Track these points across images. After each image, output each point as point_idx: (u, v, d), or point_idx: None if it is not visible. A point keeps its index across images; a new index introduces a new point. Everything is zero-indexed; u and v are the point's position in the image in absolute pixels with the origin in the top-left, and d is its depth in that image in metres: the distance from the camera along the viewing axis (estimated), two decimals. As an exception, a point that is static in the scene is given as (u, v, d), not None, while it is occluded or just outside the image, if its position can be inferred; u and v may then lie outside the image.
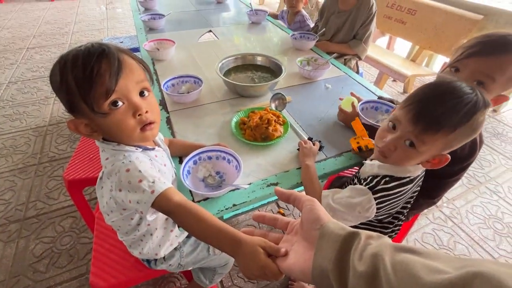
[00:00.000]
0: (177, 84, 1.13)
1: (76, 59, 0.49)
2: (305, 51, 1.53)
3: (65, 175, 1.04)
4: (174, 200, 0.52)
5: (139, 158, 0.57)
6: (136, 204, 0.53)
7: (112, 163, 0.56)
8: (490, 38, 0.64)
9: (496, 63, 0.62)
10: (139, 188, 0.52)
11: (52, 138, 1.91)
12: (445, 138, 0.54)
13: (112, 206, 0.60)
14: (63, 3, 4.65)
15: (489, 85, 0.64)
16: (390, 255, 0.26)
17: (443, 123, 0.52)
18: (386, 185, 0.62)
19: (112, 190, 0.56)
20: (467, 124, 0.52)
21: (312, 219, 0.34)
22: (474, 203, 1.60)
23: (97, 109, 0.50)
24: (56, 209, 1.47)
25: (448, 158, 0.58)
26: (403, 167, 0.63)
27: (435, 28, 2.12)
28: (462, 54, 0.66)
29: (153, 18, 1.77)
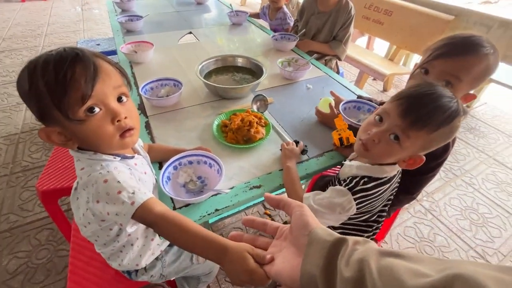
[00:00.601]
0: (156, 88, 1.10)
1: (47, 64, 0.46)
2: (286, 52, 1.54)
3: (38, 186, 0.99)
4: (155, 211, 0.50)
5: (118, 168, 0.55)
6: (115, 216, 0.51)
7: (88, 174, 0.53)
8: (454, 40, 0.67)
9: (461, 64, 0.65)
10: (118, 199, 0.50)
11: (25, 146, 1.82)
12: (428, 137, 0.56)
13: (89, 218, 0.57)
14: (35, 3, 4.43)
15: (456, 84, 0.67)
16: (375, 260, 0.27)
17: (429, 120, 0.54)
18: (365, 186, 0.63)
19: (88, 202, 0.53)
20: (448, 127, 0.55)
21: (301, 225, 0.35)
22: (451, 195, 1.67)
23: (72, 116, 0.47)
24: (31, 221, 1.39)
25: (423, 160, 0.60)
26: (380, 168, 0.64)
27: (410, 28, 2.19)
28: (430, 56, 0.69)
29: (131, 20, 1.72)
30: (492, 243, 1.42)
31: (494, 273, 0.21)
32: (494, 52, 0.66)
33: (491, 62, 0.66)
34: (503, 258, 1.36)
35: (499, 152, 2.01)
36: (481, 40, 0.65)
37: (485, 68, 0.66)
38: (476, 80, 0.68)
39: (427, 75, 0.71)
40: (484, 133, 2.19)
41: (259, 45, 1.65)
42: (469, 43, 0.65)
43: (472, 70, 0.65)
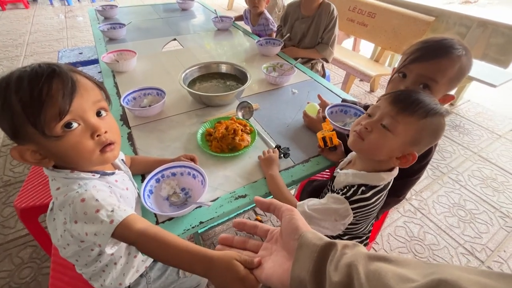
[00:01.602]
0: (138, 97, 1.08)
1: (21, 80, 0.44)
2: (271, 57, 1.54)
3: (17, 203, 0.95)
4: (135, 229, 0.49)
5: (97, 187, 0.53)
6: (94, 237, 0.49)
7: (64, 194, 0.51)
8: (427, 44, 0.69)
9: (436, 67, 0.67)
10: (96, 218, 0.48)
11: (7, 160, 1.75)
12: (417, 124, 0.57)
13: (68, 239, 0.55)
14: (16, 12, 4.32)
15: (433, 87, 0.68)
16: (363, 265, 0.27)
17: (418, 106, 0.57)
18: (364, 195, 0.62)
19: (66, 223, 0.51)
20: (435, 118, 0.57)
21: (291, 229, 0.35)
22: (439, 193, 1.69)
23: (49, 133, 0.45)
24: (13, 238, 1.34)
25: (415, 157, 0.61)
26: (377, 175, 0.63)
27: (393, 30, 2.24)
28: (406, 60, 0.71)
29: (113, 28, 1.69)
30: (480, 239, 1.45)
31: (479, 278, 0.22)
32: (466, 53, 0.68)
33: (464, 63, 0.67)
34: (491, 253, 1.39)
35: (483, 148, 2.06)
36: (453, 43, 0.67)
37: (459, 69, 0.67)
38: (452, 81, 0.69)
39: (405, 79, 0.72)
40: (468, 130, 2.24)
41: (244, 51, 1.64)
42: (442, 46, 0.67)
43: (447, 72, 0.67)
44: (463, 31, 2.00)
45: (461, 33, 2.01)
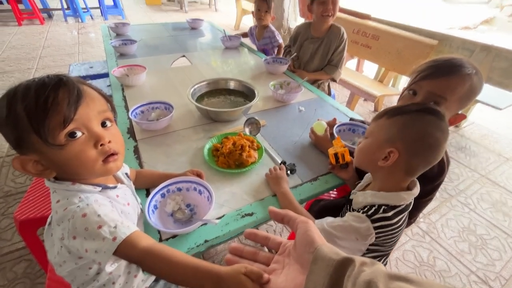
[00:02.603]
0: (146, 111, 1.08)
1: (28, 90, 0.45)
2: (278, 75, 1.56)
3: (17, 215, 0.93)
4: (140, 247, 0.47)
5: (98, 201, 0.51)
6: (94, 254, 0.47)
7: (64, 207, 0.49)
8: (437, 63, 0.70)
9: (446, 84, 0.68)
10: (98, 235, 0.46)
11: (9, 170, 1.74)
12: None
13: (65, 256, 0.52)
14: (32, 28, 4.50)
15: (443, 104, 0.69)
16: (384, 283, 0.26)
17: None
18: (386, 214, 0.60)
19: (63, 239, 0.49)
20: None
21: (306, 241, 0.34)
22: (448, 216, 1.64)
23: (52, 141, 0.45)
24: (8, 252, 1.30)
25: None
26: (397, 195, 0.61)
27: (397, 51, 2.28)
28: (416, 77, 0.72)
29: (124, 44, 1.74)
30: (493, 267, 1.38)
31: None
32: (476, 73, 0.68)
33: (474, 82, 0.68)
34: (505, 282, 1.32)
35: (491, 171, 2.02)
36: (463, 62, 0.68)
37: (470, 88, 0.68)
38: (462, 100, 0.69)
39: (415, 96, 0.73)
40: (475, 152, 2.22)
41: (251, 68, 1.67)
42: (451, 65, 0.68)
43: (457, 90, 0.67)
44: (467, 55, 2.04)
45: (464, 56, 2.04)
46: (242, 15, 5.05)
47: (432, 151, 0.58)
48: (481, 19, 6.30)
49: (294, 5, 4.20)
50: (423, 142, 0.57)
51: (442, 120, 0.57)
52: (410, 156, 0.59)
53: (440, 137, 0.57)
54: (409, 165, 0.60)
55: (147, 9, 6.32)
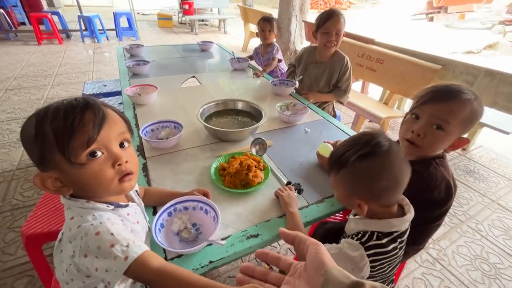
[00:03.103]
0: (156, 129, 1.12)
1: (58, 111, 0.48)
2: (284, 97, 1.60)
3: (24, 230, 0.94)
4: (152, 267, 0.47)
5: (111, 220, 0.53)
6: (104, 273, 0.47)
7: (77, 225, 0.50)
8: (436, 89, 0.73)
9: (446, 108, 0.70)
10: (110, 254, 0.47)
11: (18, 183, 1.78)
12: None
13: (73, 273, 0.52)
14: (50, 47, 4.75)
15: (446, 127, 0.71)
16: None
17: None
18: (380, 241, 0.61)
19: (74, 256, 0.49)
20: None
21: (316, 264, 0.34)
22: (458, 243, 1.59)
23: (75, 160, 0.47)
24: (11, 266, 1.29)
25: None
26: (387, 222, 0.62)
27: (401, 75, 2.33)
28: (418, 102, 0.75)
29: (138, 64, 1.82)
30: (509, 299, 1.31)
31: None
32: (476, 98, 0.70)
33: (475, 106, 0.70)
34: (523, 316, 1.24)
35: (502, 196, 1.97)
36: (461, 88, 0.71)
37: (471, 112, 0.70)
38: (465, 124, 0.71)
39: (417, 120, 0.75)
40: (484, 176, 2.18)
41: (257, 90, 1.72)
42: (450, 90, 0.71)
43: (458, 114, 0.69)
44: (470, 80, 2.06)
45: (468, 81, 2.07)
46: (250, 37, 5.26)
47: (392, 187, 0.60)
48: (484, 44, 6.42)
49: (300, 28, 4.38)
50: (377, 186, 0.59)
51: (383, 155, 0.58)
52: (377, 200, 0.61)
53: (390, 174, 0.59)
54: (382, 203, 0.62)
55: (159, 31, 6.64)
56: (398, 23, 9.64)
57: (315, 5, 11.80)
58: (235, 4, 9.40)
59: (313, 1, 11.89)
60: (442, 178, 0.74)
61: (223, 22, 6.97)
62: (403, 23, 9.83)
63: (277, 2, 4.32)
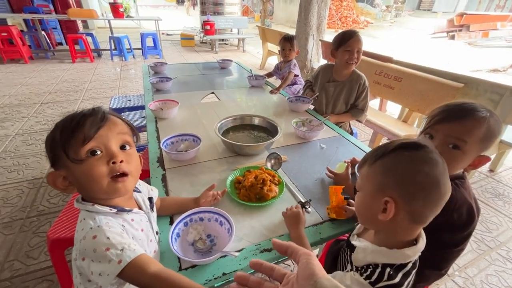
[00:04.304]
0: (176, 142, 1.17)
1: (67, 117, 0.55)
2: (300, 113, 1.62)
3: (49, 233, 0.99)
4: (149, 272, 0.49)
5: (109, 224, 0.54)
6: (98, 277, 0.48)
7: (81, 228, 0.54)
8: (449, 107, 0.72)
9: (461, 127, 0.68)
10: (105, 257, 0.48)
11: (46, 190, 1.88)
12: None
13: (78, 277, 0.54)
14: (82, 64, 5.14)
15: (463, 146, 0.68)
16: None
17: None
18: (392, 281, 0.53)
19: (76, 259, 0.52)
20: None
21: (306, 274, 0.35)
22: (487, 271, 1.47)
23: (73, 155, 0.52)
24: (33, 270, 1.35)
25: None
26: (400, 252, 0.54)
27: (420, 93, 2.29)
28: (431, 122, 0.73)
29: (161, 81, 1.93)
30: (549, 338, 1.18)
31: None
32: (492, 115, 0.68)
33: (491, 124, 0.68)
34: None
35: (536, 222, 1.83)
36: (475, 106, 0.69)
37: (487, 130, 0.67)
38: (483, 142, 0.69)
39: (432, 140, 0.73)
40: (515, 200, 2.04)
41: (275, 106, 1.76)
42: (464, 109, 0.69)
43: (474, 132, 0.67)
44: (496, 98, 1.99)
45: (493, 99, 2.00)
46: (268, 56, 5.42)
47: (429, 189, 0.51)
48: (511, 62, 6.19)
49: (317, 47, 4.46)
50: (414, 181, 0.51)
51: (427, 152, 0.52)
52: (408, 201, 0.52)
53: (431, 171, 0.51)
54: (412, 211, 0.52)
55: (181, 49, 7.01)
56: (417, 42, 9.57)
57: (332, 25, 12.02)
58: (254, 25, 9.80)
59: (330, 21, 12.13)
60: (463, 200, 0.71)
61: (242, 42, 7.25)
62: (423, 41, 9.74)
63: (295, 22, 4.47)
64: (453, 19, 10.44)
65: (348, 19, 12.87)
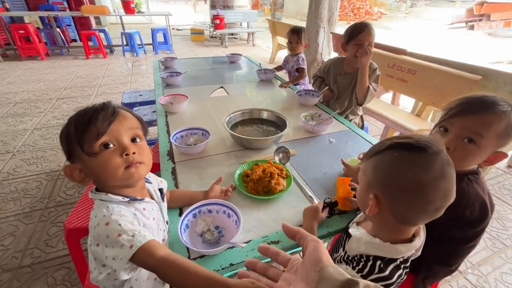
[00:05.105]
0: (186, 136, 1.18)
1: (81, 112, 0.58)
2: (310, 107, 1.61)
3: (66, 223, 1.04)
4: (158, 256, 0.51)
5: (121, 212, 0.58)
6: (112, 261, 0.51)
7: (94, 215, 0.57)
8: (467, 100, 0.69)
9: (479, 121, 0.65)
10: (117, 242, 0.52)
11: (63, 182, 1.96)
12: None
13: (93, 262, 0.58)
14: (96, 60, 5.26)
15: (479, 141, 0.65)
16: None
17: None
18: (383, 273, 0.54)
19: (91, 245, 0.55)
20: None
21: (313, 260, 0.35)
22: (502, 269, 1.43)
23: (88, 149, 0.55)
24: (52, 258, 1.42)
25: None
26: (393, 247, 0.54)
27: (436, 86, 2.21)
28: (446, 115, 0.70)
29: (171, 76, 1.95)
30: None
31: None
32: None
33: None
34: None
35: (557, 221, 1.75)
36: (496, 99, 0.66)
37: (507, 125, 0.64)
38: (501, 137, 0.66)
39: (446, 133, 0.71)
40: (534, 197, 1.96)
41: (284, 100, 1.75)
42: (483, 102, 0.66)
43: (493, 127, 0.64)
44: (516, 91, 1.90)
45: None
46: (277, 49, 5.36)
47: (414, 194, 0.49)
48: (534, 53, 5.88)
49: (328, 40, 4.38)
50: (397, 185, 0.50)
51: (421, 154, 0.48)
52: (392, 202, 0.51)
53: (419, 175, 0.48)
54: (396, 212, 0.52)
55: (192, 44, 7.03)
56: (433, 33, 9.20)
57: (344, 17, 11.73)
58: (263, 18, 9.69)
59: (342, 13, 11.84)
60: (476, 195, 0.69)
61: (251, 35, 7.20)
62: (439, 33, 9.36)
63: (305, 14, 4.38)
64: (473, 8, 9.96)
65: (360, 10, 12.51)
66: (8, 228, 1.58)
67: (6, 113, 2.99)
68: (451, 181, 0.49)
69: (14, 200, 1.79)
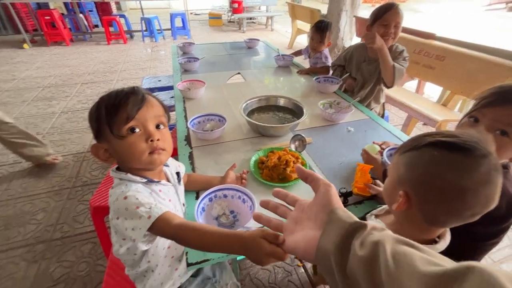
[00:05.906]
0: (202, 122, 1.20)
1: (111, 94, 0.61)
2: (328, 94, 1.56)
3: (91, 201, 1.10)
4: (174, 224, 0.55)
5: (138, 189, 0.61)
6: (131, 231, 0.55)
7: (114, 191, 0.61)
8: (503, 89, 0.63)
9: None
10: (136, 214, 0.55)
11: (88, 164, 2.07)
12: None
13: (115, 236, 0.62)
14: (117, 46, 5.37)
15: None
16: (391, 245, 0.28)
17: None
18: None
19: (112, 219, 0.59)
20: None
21: (325, 201, 0.37)
22: (527, 269, 1.37)
23: (117, 132, 0.58)
24: (79, 233, 1.53)
25: None
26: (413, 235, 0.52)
27: (467, 74, 2.07)
28: (478, 104, 0.65)
29: (189, 61, 1.96)
30: None
31: None
32: None
33: None
34: None
35: None
36: None
37: None
38: None
39: (477, 123, 0.66)
40: None
41: (301, 86, 1.71)
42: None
43: None
44: (559, 79, 1.74)
45: (556, 81, 1.75)
46: (297, 34, 5.19)
47: (450, 197, 0.45)
48: None
49: (350, 24, 4.17)
50: (432, 186, 0.46)
51: (464, 155, 0.44)
52: (422, 202, 0.49)
53: (458, 179, 0.44)
54: (426, 212, 0.49)
55: (209, 29, 6.98)
56: (468, 16, 8.49)
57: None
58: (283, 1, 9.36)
59: (367, -6, 11.15)
60: (504, 191, 0.64)
61: (270, 20, 7.00)
62: (475, 15, 8.62)
63: (327, -3, 4.18)
64: (515, -13, 9.03)
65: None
66: (40, 203, 1.71)
67: (36, 97, 3.16)
68: (495, 187, 0.45)
69: (45, 178, 1.92)
